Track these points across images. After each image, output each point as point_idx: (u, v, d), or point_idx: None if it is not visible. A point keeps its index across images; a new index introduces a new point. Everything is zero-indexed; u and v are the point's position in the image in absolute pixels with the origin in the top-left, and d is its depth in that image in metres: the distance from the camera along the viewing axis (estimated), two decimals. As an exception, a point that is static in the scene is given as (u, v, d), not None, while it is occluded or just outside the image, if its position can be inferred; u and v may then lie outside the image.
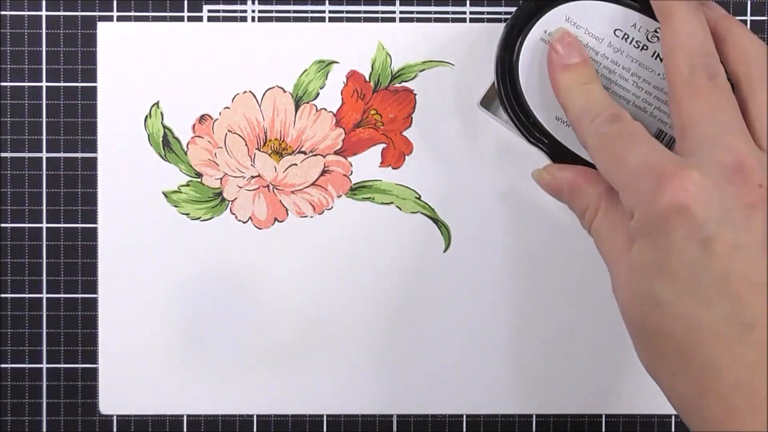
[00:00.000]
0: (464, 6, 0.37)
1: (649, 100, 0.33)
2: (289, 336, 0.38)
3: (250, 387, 0.38)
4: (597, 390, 0.38)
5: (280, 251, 0.38)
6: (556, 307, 0.38)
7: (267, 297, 0.38)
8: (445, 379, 0.38)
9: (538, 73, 0.34)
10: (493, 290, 0.38)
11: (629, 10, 0.33)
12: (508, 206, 0.38)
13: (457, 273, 0.38)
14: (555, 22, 0.33)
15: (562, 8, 0.33)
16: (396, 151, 0.38)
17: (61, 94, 0.38)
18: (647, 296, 0.28)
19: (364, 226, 0.38)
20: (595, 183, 0.32)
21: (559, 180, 0.33)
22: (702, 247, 0.27)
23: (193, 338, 0.38)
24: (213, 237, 0.38)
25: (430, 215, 0.38)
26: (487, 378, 0.38)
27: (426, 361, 0.38)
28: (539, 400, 0.38)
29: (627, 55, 0.33)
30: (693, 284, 0.28)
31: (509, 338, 0.38)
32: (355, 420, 0.38)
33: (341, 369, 0.38)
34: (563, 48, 0.33)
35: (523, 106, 0.34)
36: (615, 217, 0.31)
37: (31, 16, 0.37)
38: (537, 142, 0.34)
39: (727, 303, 0.27)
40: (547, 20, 0.33)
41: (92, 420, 0.38)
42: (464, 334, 0.38)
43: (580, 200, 0.32)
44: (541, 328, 0.38)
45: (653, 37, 0.33)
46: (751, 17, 0.38)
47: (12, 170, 0.38)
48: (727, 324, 0.27)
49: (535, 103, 0.34)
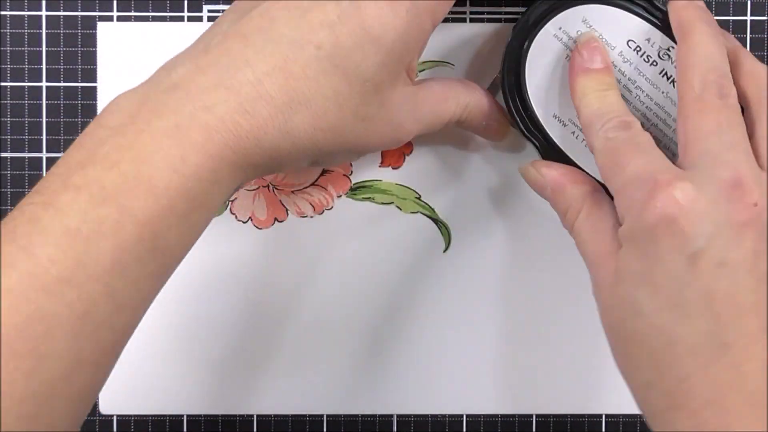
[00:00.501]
0: (464, 6, 0.37)
1: (648, 116, 0.33)
2: (289, 336, 0.38)
3: (250, 387, 0.38)
4: (597, 390, 0.38)
5: (280, 251, 0.38)
6: (556, 306, 0.38)
7: (267, 297, 0.38)
8: (445, 379, 0.38)
9: (544, 68, 0.33)
10: (493, 290, 0.38)
11: (648, 24, 0.33)
12: (508, 206, 0.38)
13: (457, 273, 0.38)
14: (572, 22, 0.33)
15: (582, 9, 0.33)
16: (396, 151, 0.38)
17: (61, 94, 0.38)
18: (628, 303, 0.28)
19: (364, 226, 0.38)
20: (580, 183, 0.32)
21: (545, 176, 0.33)
22: (688, 262, 0.27)
23: (193, 338, 0.38)
24: (213, 237, 0.38)
25: (430, 215, 0.38)
26: (487, 378, 0.38)
27: (426, 361, 0.38)
28: (539, 400, 0.38)
29: (636, 67, 0.33)
30: (675, 297, 0.27)
31: (509, 338, 0.38)
32: (355, 420, 0.38)
33: (341, 369, 0.38)
34: (587, 51, 0.33)
35: (524, 97, 0.34)
36: (597, 220, 0.31)
37: (31, 16, 0.37)
38: (530, 136, 0.34)
39: (707, 320, 0.27)
40: (563, 17, 0.33)
41: (92, 420, 0.38)
42: (464, 334, 0.38)
43: (563, 199, 0.32)
44: (541, 328, 0.38)
45: (665, 55, 0.33)
46: (751, 17, 0.38)
47: (12, 170, 0.38)
48: (704, 341, 0.27)
49: (536, 97, 0.34)
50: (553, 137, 0.34)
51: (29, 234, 0.25)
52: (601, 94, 0.32)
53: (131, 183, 0.26)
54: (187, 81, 0.28)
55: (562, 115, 0.33)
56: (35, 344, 0.25)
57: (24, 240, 0.25)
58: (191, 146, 0.27)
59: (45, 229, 0.25)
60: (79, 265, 0.25)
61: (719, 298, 0.27)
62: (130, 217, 0.26)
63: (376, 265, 0.38)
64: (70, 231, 0.25)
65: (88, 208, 0.26)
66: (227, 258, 0.38)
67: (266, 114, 0.27)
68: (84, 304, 0.25)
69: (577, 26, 0.33)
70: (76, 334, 0.25)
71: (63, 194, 0.26)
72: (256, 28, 0.28)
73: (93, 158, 0.27)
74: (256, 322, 0.38)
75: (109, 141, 0.27)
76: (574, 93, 0.32)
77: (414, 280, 0.38)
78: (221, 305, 0.38)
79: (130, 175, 0.26)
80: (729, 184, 0.28)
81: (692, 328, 0.27)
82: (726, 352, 0.27)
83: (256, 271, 0.38)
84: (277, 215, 0.38)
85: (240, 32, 0.28)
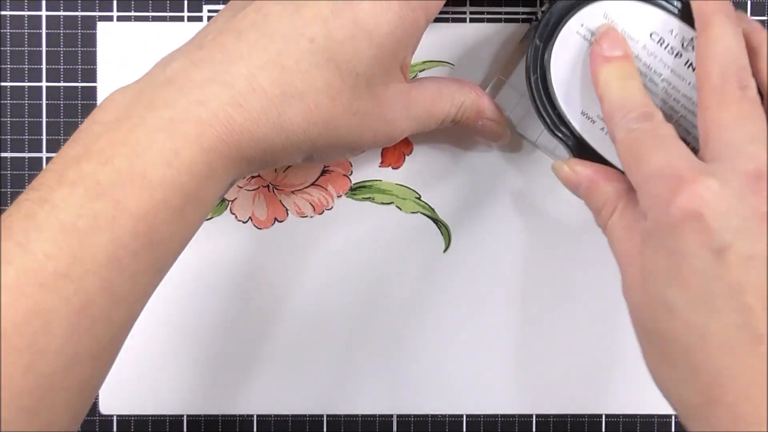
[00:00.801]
0: (464, 6, 0.37)
1: (676, 108, 0.33)
2: (289, 336, 0.38)
3: (250, 387, 0.38)
4: (597, 390, 0.38)
5: (280, 251, 0.38)
6: (556, 306, 0.38)
7: (267, 297, 0.38)
8: (445, 379, 0.38)
9: (569, 65, 0.33)
10: (493, 290, 0.38)
11: (669, 15, 0.33)
12: (508, 206, 0.38)
13: (457, 273, 0.38)
14: (593, 17, 0.33)
15: (602, 4, 0.33)
16: (396, 151, 0.38)
17: (61, 94, 0.38)
18: (659, 301, 0.28)
19: (364, 226, 0.38)
20: (614, 181, 0.32)
21: (578, 174, 0.33)
22: (715, 257, 0.27)
23: (193, 338, 0.38)
24: (213, 237, 0.38)
25: (430, 215, 0.38)
26: (487, 378, 0.38)
27: (426, 361, 0.38)
28: (539, 400, 0.38)
29: (660, 59, 0.33)
30: (705, 293, 0.27)
31: (509, 338, 0.38)
32: (355, 420, 0.38)
33: (341, 369, 0.38)
34: (607, 41, 0.32)
35: (551, 96, 0.33)
36: (631, 218, 0.31)
37: (31, 16, 0.37)
38: (560, 135, 0.34)
39: (739, 314, 0.27)
40: (585, 14, 0.33)
41: (92, 420, 0.38)
42: (464, 334, 0.38)
43: (597, 196, 0.32)
44: (541, 328, 0.38)
45: (689, 45, 0.33)
46: (751, 17, 0.38)
47: (12, 170, 0.38)
48: (737, 334, 0.27)
49: (563, 94, 0.33)
50: (582, 134, 0.34)
51: (25, 230, 0.26)
52: (623, 83, 0.32)
53: (126, 178, 0.26)
54: (182, 76, 0.28)
55: (590, 111, 0.33)
56: (33, 339, 0.25)
57: (20, 236, 0.25)
58: (185, 140, 0.27)
59: (41, 224, 0.26)
60: (76, 260, 0.25)
61: (749, 291, 0.27)
62: (125, 211, 0.26)
63: (376, 265, 0.38)
64: (65, 226, 0.26)
65: (84, 203, 0.26)
66: (227, 258, 0.38)
67: (259, 107, 0.28)
68: (81, 298, 0.25)
69: (599, 21, 0.33)
70: (73, 329, 0.25)
71: (58, 190, 0.26)
72: (250, 23, 0.29)
73: (88, 153, 0.27)
74: (256, 322, 0.38)
75: (104, 136, 0.27)
76: (597, 84, 0.32)
77: (414, 280, 0.38)
78: (221, 305, 0.38)
79: (125, 169, 0.26)
80: (753, 176, 0.28)
81: (724, 322, 0.27)
82: (760, 344, 0.27)
83: (256, 271, 0.38)
84: (277, 215, 0.38)
85: (234, 28, 0.29)
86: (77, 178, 0.26)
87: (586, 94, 0.33)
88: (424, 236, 0.38)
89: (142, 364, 0.38)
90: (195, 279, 0.37)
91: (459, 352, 0.38)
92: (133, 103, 0.28)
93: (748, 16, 0.33)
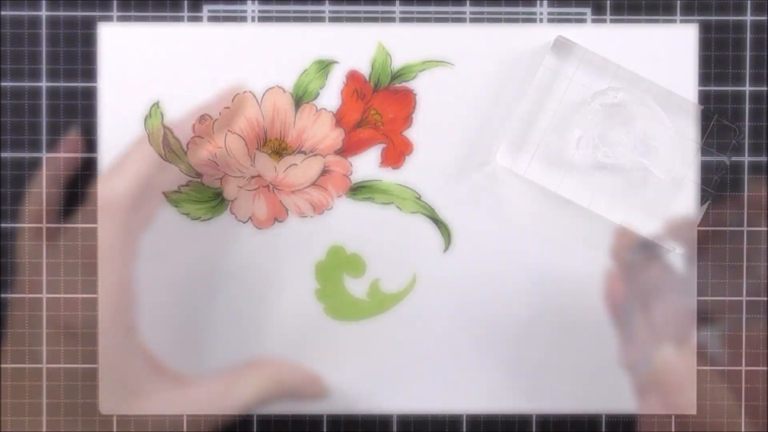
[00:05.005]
0: (464, 6, 0.37)
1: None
2: (289, 336, 0.38)
3: (250, 387, 0.38)
4: (597, 390, 0.38)
5: (280, 251, 0.38)
6: (556, 306, 0.38)
7: (267, 297, 0.38)
8: (445, 379, 0.38)
9: None
10: (493, 290, 0.38)
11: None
12: (508, 206, 0.38)
13: (457, 273, 0.38)
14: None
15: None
16: (396, 151, 0.38)
17: (61, 94, 0.38)
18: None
19: (364, 226, 0.38)
20: None
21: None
22: None
23: (192, 338, 0.38)
24: (213, 237, 0.38)
25: (430, 215, 0.38)
26: (487, 378, 0.38)
27: (426, 360, 0.38)
28: (539, 400, 0.38)
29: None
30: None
31: (509, 338, 0.38)
32: (355, 420, 0.38)
33: (341, 369, 0.38)
34: None
35: None
36: None
37: (31, 16, 0.37)
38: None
39: None
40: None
41: (92, 420, 0.38)
42: (464, 334, 0.38)
43: None
44: (541, 328, 0.38)
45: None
46: (751, 17, 0.38)
47: (12, 170, 0.38)
48: None
49: None
50: None
51: None
52: None
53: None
54: None
55: None
56: None
57: None
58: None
59: None
60: None
61: None
62: None
63: (376, 265, 0.38)
64: None
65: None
66: (227, 258, 0.38)
67: None
68: None
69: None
70: None
71: None
72: None
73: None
74: (256, 322, 0.38)
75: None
76: None
77: (414, 280, 0.38)
78: (221, 305, 0.38)
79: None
80: None
81: None
82: None
83: (256, 272, 0.38)
84: (277, 215, 0.38)
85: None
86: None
87: None
88: (424, 236, 0.38)
89: (143, 364, 0.38)
90: (195, 279, 0.37)
91: (459, 351, 0.38)
92: None
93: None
